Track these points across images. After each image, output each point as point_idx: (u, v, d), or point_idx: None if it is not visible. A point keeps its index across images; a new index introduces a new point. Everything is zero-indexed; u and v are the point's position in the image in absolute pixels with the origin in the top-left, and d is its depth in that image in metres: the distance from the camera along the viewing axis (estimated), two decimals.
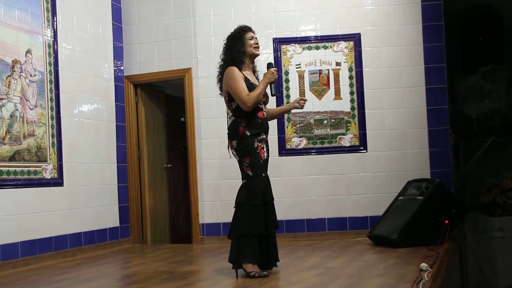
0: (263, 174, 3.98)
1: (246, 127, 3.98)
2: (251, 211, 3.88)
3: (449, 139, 6.22)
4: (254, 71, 4.22)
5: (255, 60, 4.21)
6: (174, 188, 7.45)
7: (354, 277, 3.69)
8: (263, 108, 4.11)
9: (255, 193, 3.90)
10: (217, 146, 6.10)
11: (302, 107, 4.34)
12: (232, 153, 4.07)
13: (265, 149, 4.07)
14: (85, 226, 5.70)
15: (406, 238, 5.01)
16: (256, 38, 4.13)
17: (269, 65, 4.07)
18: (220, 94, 4.15)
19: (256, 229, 3.86)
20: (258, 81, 4.16)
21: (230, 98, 4.03)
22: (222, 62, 4.13)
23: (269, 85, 4.02)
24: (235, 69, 3.99)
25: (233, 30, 4.19)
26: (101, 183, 6.03)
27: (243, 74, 4.03)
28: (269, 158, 4.16)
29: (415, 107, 6.16)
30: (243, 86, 3.94)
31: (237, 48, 4.04)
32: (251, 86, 3.98)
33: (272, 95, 4.08)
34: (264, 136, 4.06)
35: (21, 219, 4.88)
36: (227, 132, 4.10)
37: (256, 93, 3.93)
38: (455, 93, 7.43)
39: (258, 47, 4.12)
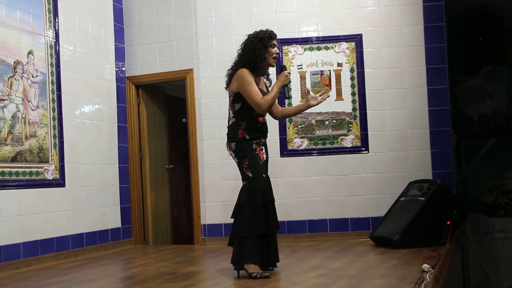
0: (264, 175, 3.99)
1: (246, 131, 4.00)
2: (252, 212, 3.88)
3: (450, 140, 6.21)
4: (266, 76, 4.21)
5: None
6: (176, 189, 7.45)
7: (356, 278, 3.69)
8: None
9: (255, 194, 3.91)
10: (219, 147, 6.10)
11: (315, 104, 4.22)
12: (231, 154, 4.09)
13: (264, 151, 4.09)
14: (87, 227, 5.71)
15: (408, 239, 5.00)
16: (277, 46, 4.12)
17: (282, 68, 4.10)
18: (226, 88, 4.14)
19: (258, 229, 3.87)
20: (267, 86, 4.20)
21: (236, 99, 4.03)
22: (239, 59, 4.09)
23: (282, 88, 4.03)
24: (247, 72, 3.98)
25: (259, 31, 4.11)
26: (103, 184, 6.04)
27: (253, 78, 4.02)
28: (271, 159, 4.17)
29: (417, 108, 6.16)
30: (256, 89, 3.96)
31: (261, 54, 4.01)
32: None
33: (285, 97, 4.09)
34: (263, 140, 4.08)
35: (23, 220, 4.89)
36: (227, 132, 4.11)
37: (271, 96, 3.96)
38: (456, 94, 7.43)
39: (276, 58, 4.13)
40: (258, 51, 4.00)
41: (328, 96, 4.45)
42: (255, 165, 3.96)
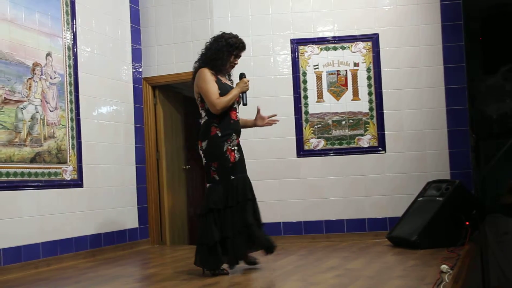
0: (232, 177, 4.07)
1: (218, 128, 4.08)
2: (216, 216, 4.01)
3: (469, 140, 6.15)
4: (227, 76, 4.32)
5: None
6: (192, 189, 7.47)
7: (373, 279, 3.66)
8: (237, 108, 4.21)
9: (219, 197, 4.01)
10: None
11: (264, 125, 4.50)
12: (200, 154, 4.16)
13: (235, 151, 4.14)
14: (104, 227, 5.75)
15: (426, 240, 4.96)
16: (239, 58, 4.26)
17: (241, 75, 4.22)
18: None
19: (216, 235, 3.97)
20: (232, 82, 4.30)
21: (203, 99, 4.12)
22: (204, 52, 4.21)
23: (241, 94, 4.16)
24: (207, 71, 4.09)
25: (233, 36, 4.21)
26: (120, 184, 6.07)
27: (216, 77, 4.12)
28: (287, 159, 4.19)
29: (434, 108, 6.11)
30: (213, 89, 4.04)
31: (224, 58, 4.14)
32: (223, 86, 4.09)
33: (243, 104, 4.20)
34: (235, 138, 4.15)
35: (42, 220, 4.94)
36: (199, 131, 4.20)
37: (227, 98, 4.05)
38: (475, 93, 7.36)
39: (233, 68, 4.28)
40: (222, 54, 4.12)
41: (277, 121, 4.56)
42: (223, 168, 4.06)
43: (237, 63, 4.27)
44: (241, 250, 4.09)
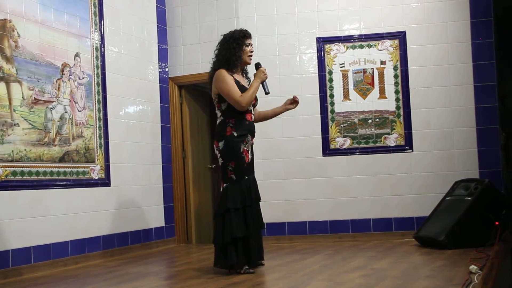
0: (246, 177, 4.12)
1: (234, 128, 4.11)
2: (235, 215, 4.03)
3: (498, 138, 6.05)
4: (244, 74, 4.36)
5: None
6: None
7: (400, 279, 3.63)
8: (252, 110, 4.24)
9: (237, 196, 4.05)
10: (260, 146, 6.11)
11: (294, 107, 4.46)
12: (217, 154, 4.19)
13: (249, 152, 4.20)
14: (131, 225, 5.81)
15: (454, 240, 4.90)
16: (252, 45, 4.28)
17: (257, 65, 4.25)
18: (210, 91, 4.32)
19: (241, 231, 4.01)
20: (249, 83, 4.32)
21: (221, 99, 4.17)
22: (216, 59, 4.27)
23: (262, 84, 4.19)
24: (225, 72, 4.14)
25: (233, 31, 4.30)
26: (147, 183, 6.13)
27: (233, 77, 4.17)
28: (313, 158, 4.19)
29: (463, 106, 6.03)
30: (235, 88, 4.09)
31: (236, 53, 4.18)
32: (241, 88, 4.13)
33: (266, 93, 4.21)
34: (250, 139, 4.20)
35: (70, 219, 5.02)
36: (215, 131, 4.23)
37: (249, 93, 4.10)
38: (505, 91, 7.22)
39: (251, 56, 4.27)
40: (233, 50, 4.17)
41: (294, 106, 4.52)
42: (240, 167, 4.10)
43: (252, 51, 4.28)
44: (260, 250, 4.17)
